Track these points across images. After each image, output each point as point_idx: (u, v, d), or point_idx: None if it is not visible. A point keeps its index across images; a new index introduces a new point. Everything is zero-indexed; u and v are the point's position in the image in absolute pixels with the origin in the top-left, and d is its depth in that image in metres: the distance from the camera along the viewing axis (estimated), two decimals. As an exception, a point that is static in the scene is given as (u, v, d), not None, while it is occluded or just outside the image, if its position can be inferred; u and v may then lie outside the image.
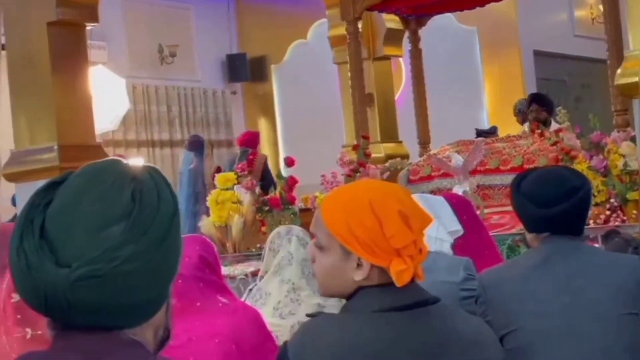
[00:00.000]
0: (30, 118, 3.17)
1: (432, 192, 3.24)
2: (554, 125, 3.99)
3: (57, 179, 0.66)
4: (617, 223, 2.84)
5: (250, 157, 4.80)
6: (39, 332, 1.11)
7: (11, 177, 3.30)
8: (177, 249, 0.65)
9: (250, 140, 5.28)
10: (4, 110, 3.62)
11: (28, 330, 1.14)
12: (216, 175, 3.66)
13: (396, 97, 5.13)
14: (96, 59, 4.61)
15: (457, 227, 1.75)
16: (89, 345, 0.63)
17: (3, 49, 3.54)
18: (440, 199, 1.91)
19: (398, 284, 0.89)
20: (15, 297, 1.10)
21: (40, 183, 0.72)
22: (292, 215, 3.42)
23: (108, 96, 4.98)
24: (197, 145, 5.47)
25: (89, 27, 3.29)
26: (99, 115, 3.61)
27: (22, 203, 2.61)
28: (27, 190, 2.72)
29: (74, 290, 0.60)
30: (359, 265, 0.90)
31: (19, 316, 1.16)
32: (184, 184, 5.37)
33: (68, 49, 3.13)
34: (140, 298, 0.64)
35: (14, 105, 3.27)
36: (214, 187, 3.61)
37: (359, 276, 0.90)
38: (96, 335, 0.63)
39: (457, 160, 3.46)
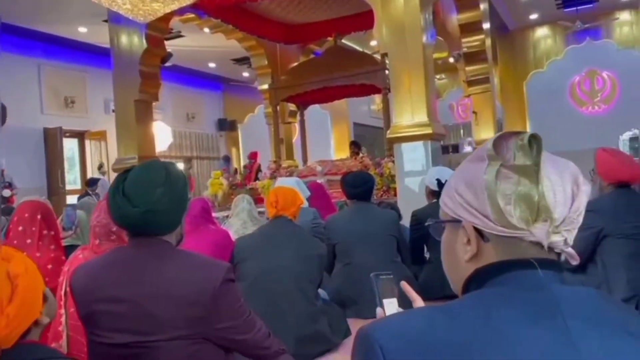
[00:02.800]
0: (126, 143, 5.90)
1: (308, 181, 6.25)
2: (361, 154, 8.09)
3: (129, 167, 1.35)
4: (384, 197, 5.74)
5: (253, 161, 8.68)
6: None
7: (116, 170, 5.99)
8: (187, 198, 1.34)
9: (253, 155, 9.10)
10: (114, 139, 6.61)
11: (97, 240, 1.79)
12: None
13: (294, 140, 9.23)
14: (157, 118, 7.72)
15: (307, 194, 3.66)
16: (145, 242, 1.30)
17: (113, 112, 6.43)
18: (311, 184, 4.23)
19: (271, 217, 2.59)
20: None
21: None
22: (246, 191, 6.82)
23: (162, 135, 8.92)
24: (225, 159, 9.30)
25: (154, 103, 6.16)
26: (157, 143, 6.68)
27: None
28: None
29: (140, 218, 1.25)
30: None
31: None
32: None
33: (143, 113, 5.92)
34: (170, 220, 1.32)
35: (118, 134, 5.94)
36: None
37: None
38: (149, 238, 1.30)
39: (319, 168, 7.33)
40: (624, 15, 11.48)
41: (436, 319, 0.65)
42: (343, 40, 9.18)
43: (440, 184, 3.04)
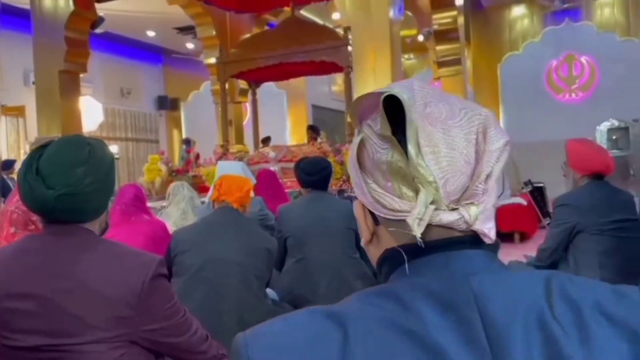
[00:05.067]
0: (48, 120, 5.64)
1: (259, 169, 5.85)
2: (320, 140, 8.13)
3: (45, 142, 1.26)
4: (344, 187, 5.80)
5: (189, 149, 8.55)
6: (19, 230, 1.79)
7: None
8: (113, 181, 1.30)
9: (187, 141, 8.96)
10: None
11: (12, 228, 1.79)
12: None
13: (244, 123, 9.18)
14: (85, 92, 7.37)
15: (253, 182, 4.50)
16: (62, 230, 1.24)
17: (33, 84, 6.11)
18: (242, 164, 4.34)
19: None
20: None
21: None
22: (187, 178, 6.54)
23: (91, 112, 8.63)
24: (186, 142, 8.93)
25: (82, 75, 5.95)
26: (85, 121, 6.45)
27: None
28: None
29: (56, 201, 1.18)
30: None
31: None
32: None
33: (69, 86, 5.70)
34: (93, 205, 1.26)
35: (39, 110, 5.70)
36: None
37: None
38: (67, 225, 1.24)
39: (272, 154, 7.30)
40: (605, -4, 11.91)
41: (329, 334, 0.57)
42: (302, 12, 9.13)
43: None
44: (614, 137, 10.02)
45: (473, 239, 0.62)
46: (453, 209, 0.60)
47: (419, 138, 0.59)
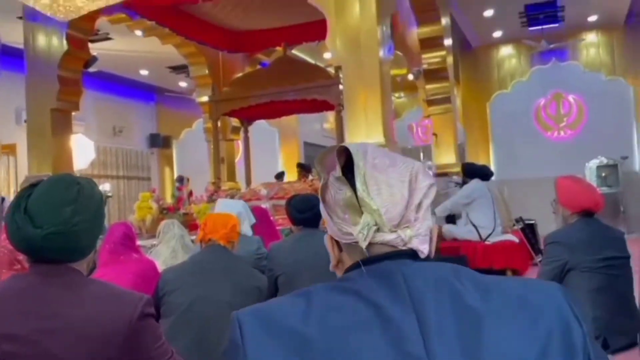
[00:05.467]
0: (39, 158, 5.59)
1: (251, 206, 6.41)
2: (312, 177, 8.13)
3: (35, 182, 1.27)
4: None
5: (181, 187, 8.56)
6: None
7: None
8: (102, 220, 1.30)
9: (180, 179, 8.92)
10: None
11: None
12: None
13: (236, 160, 9.15)
14: (77, 130, 7.30)
15: (253, 221, 3.64)
16: (49, 270, 1.23)
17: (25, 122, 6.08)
18: (243, 203, 4.05)
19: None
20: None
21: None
22: (178, 216, 6.71)
23: (83, 150, 8.62)
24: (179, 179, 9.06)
25: (74, 113, 5.91)
26: (77, 159, 6.38)
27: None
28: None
29: (44, 241, 1.18)
30: None
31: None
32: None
33: (61, 124, 5.67)
34: (81, 245, 1.25)
35: (30, 148, 5.64)
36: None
37: None
38: (54, 265, 1.22)
39: (264, 192, 7.29)
40: (591, 37, 12.19)
41: (296, 307, 0.79)
42: (293, 51, 9.28)
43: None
44: (603, 175, 10.12)
45: (411, 254, 0.82)
46: (393, 232, 0.80)
47: (366, 179, 0.80)
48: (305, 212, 2.87)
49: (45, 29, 6.01)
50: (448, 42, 8.99)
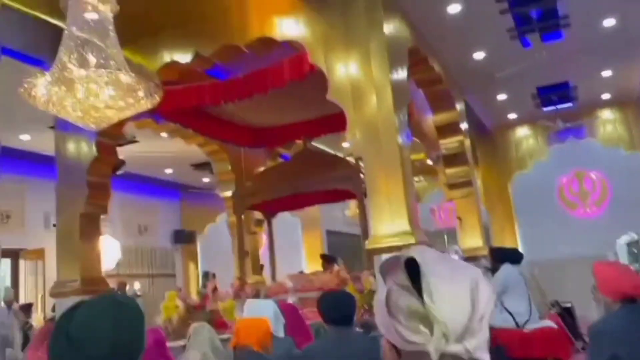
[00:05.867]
0: (68, 262, 5.74)
1: (278, 299, 5.77)
2: (337, 267, 8.01)
3: (75, 304, 1.25)
4: (367, 319, 5.32)
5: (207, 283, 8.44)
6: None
7: (54, 295, 5.97)
8: (145, 340, 1.25)
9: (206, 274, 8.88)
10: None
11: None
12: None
13: (260, 251, 9.13)
14: (104, 231, 7.34)
15: (283, 322, 3.55)
16: None
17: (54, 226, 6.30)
18: (273, 304, 3.86)
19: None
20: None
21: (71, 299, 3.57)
22: (204, 314, 6.64)
23: (109, 251, 8.67)
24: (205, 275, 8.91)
25: (102, 216, 6.09)
26: (104, 260, 6.44)
27: (59, 310, 5.58)
28: (63, 303, 5.61)
29: None
30: None
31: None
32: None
33: (89, 228, 5.83)
34: None
35: (59, 253, 5.87)
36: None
37: None
38: None
39: (290, 284, 7.17)
40: (606, 114, 12.28)
41: None
42: (313, 142, 9.49)
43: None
44: (635, 251, 9.84)
45: None
46: (458, 342, 0.81)
47: (431, 288, 0.82)
48: (339, 311, 2.82)
49: (75, 136, 6.27)
50: (464, 126, 9.14)
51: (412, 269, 0.85)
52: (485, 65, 8.83)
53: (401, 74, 5.97)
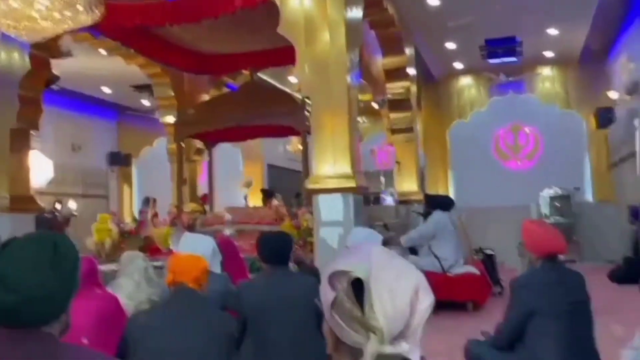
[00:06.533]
0: None
1: (215, 232, 5.84)
2: (276, 202, 8.09)
3: (5, 241, 1.20)
4: (301, 257, 5.52)
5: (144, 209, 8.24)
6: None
7: None
8: (78, 281, 1.22)
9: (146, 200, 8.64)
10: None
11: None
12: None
13: (198, 180, 9.08)
14: (34, 147, 6.80)
15: (220, 258, 3.37)
16: (20, 336, 1.14)
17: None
18: (212, 241, 3.47)
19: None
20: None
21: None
22: (139, 240, 6.38)
23: (40, 168, 8.19)
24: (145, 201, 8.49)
25: (33, 132, 5.80)
26: (36, 178, 6.23)
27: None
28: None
29: (17, 306, 1.11)
30: None
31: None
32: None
33: (19, 143, 5.55)
34: (55, 308, 1.17)
35: None
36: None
37: None
38: (23, 330, 1.15)
39: (228, 217, 7.17)
40: (546, 71, 12.60)
41: None
42: (258, 74, 9.29)
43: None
44: (556, 204, 10.39)
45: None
46: (392, 344, 0.90)
47: (372, 298, 0.90)
48: (277, 251, 2.84)
49: (6, 47, 5.83)
50: (412, 71, 9.16)
51: (358, 280, 0.92)
52: (438, 13, 8.78)
53: (356, 12, 5.84)
